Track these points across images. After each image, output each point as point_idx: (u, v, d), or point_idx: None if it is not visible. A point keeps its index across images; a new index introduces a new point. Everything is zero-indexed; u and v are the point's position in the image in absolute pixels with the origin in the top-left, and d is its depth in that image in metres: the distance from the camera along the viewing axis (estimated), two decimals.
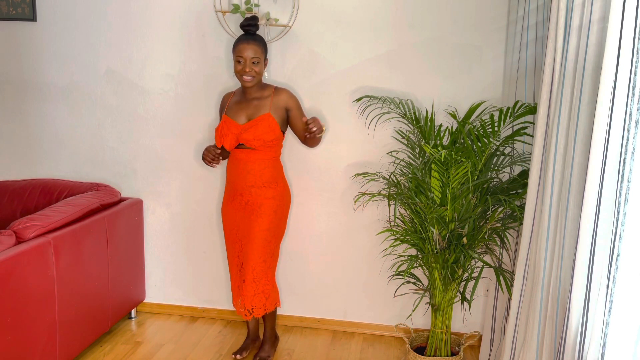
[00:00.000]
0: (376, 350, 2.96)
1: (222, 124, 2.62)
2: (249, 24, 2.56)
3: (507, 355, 2.15)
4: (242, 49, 2.51)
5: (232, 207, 2.67)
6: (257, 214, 2.61)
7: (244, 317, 2.68)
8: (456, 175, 2.35)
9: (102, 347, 2.86)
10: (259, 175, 2.60)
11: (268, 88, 2.63)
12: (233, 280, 2.74)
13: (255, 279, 2.63)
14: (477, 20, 2.75)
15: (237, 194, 2.64)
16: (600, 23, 1.57)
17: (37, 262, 2.27)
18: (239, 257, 2.68)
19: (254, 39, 2.54)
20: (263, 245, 2.62)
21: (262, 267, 2.63)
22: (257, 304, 2.66)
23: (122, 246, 2.93)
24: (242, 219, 2.64)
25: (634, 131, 1.40)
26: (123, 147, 3.16)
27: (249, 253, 2.62)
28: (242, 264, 2.67)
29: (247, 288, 2.63)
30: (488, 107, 2.67)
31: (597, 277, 1.52)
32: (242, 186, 2.62)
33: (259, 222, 2.61)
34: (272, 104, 2.58)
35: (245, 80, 2.54)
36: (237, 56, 2.52)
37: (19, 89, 3.19)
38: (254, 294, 2.64)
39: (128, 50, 3.06)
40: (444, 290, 2.54)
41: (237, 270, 2.69)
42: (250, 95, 2.61)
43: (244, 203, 2.63)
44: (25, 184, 3.01)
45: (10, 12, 3.10)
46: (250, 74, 2.52)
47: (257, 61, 2.52)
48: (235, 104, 2.64)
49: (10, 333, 2.12)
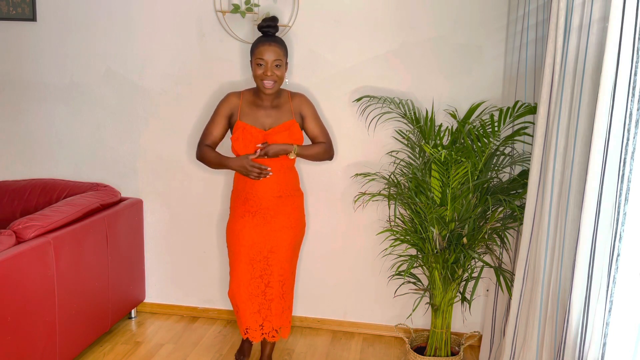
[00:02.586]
0: (376, 350, 2.96)
1: (241, 131, 2.39)
2: (268, 25, 2.38)
3: (507, 355, 2.15)
4: (263, 51, 2.31)
5: (254, 223, 2.42)
6: (287, 226, 2.44)
7: (269, 339, 2.49)
8: (456, 175, 2.35)
9: (102, 347, 2.86)
10: (284, 184, 2.43)
11: (283, 93, 2.48)
12: (252, 303, 2.46)
13: (285, 295, 2.48)
14: (477, 20, 2.75)
15: (260, 208, 2.42)
16: (600, 23, 1.57)
17: (37, 262, 2.27)
18: (262, 276, 2.46)
19: (275, 40, 2.35)
20: (293, 257, 2.49)
21: (290, 280, 2.49)
22: (285, 322, 2.52)
23: (122, 246, 2.93)
24: (268, 233, 2.43)
25: (634, 131, 1.40)
26: (123, 147, 3.16)
27: (278, 268, 2.44)
28: (266, 283, 2.47)
29: (276, 306, 2.46)
30: (488, 107, 2.67)
31: (597, 277, 1.52)
32: (268, 198, 2.41)
33: (290, 234, 2.45)
34: (293, 110, 2.45)
35: (266, 87, 2.34)
36: (257, 59, 2.32)
37: (19, 89, 3.19)
38: (282, 311, 2.48)
39: (128, 50, 3.06)
40: (444, 290, 2.54)
41: (261, 291, 2.46)
42: (267, 100, 2.43)
43: (269, 217, 2.42)
44: (25, 184, 3.01)
45: (10, 12, 3.10)
46: (272, 79, 2.33)
47: (279, 64, 2.33)
48: (251, 109, 2.44)
49: (10, 333, 2.12)
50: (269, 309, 2.49)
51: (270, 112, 2.44)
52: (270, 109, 2.45)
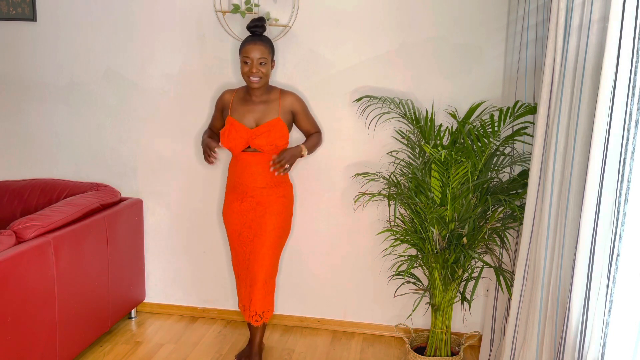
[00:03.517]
0: (376, 350, 2.96)
1: (229, 127, 2.57)
2: (255, 25, 2.54)
3: (507, 355, 2.15)
4: (249, 50, 2.49)
5: (242, 209, 2.62)
6: (270, 212, 2.59)
7: (254, 323, 2.64)
8: (456, 175, 2.35)
9: (102, 347, 2.86)
10: (269, 176, 2.58)
11: (274, 90, 2.63)
12: (241, 284, 2.69)
13: (267, 280, 2.61)
14: (477, 20, 2.75)
15: (246, 196, 2.60)
16: (600, 23, 1.57)
17: (37, 262, 2.27)
18: (249, 259, 2.63)
19: (260, 40, 2.52)
20: (275, 244, 2.62)
21: (273, 267, 2.63)
22: (268, 307, 2.65)
23: (122, 246, 2.93)
24: (253, 220, 2.61)
25: (634, 131, 1.40)
26: (123, 147, 3.16)
27: (260, 253, 2.59)
28: (251, 266, 2.62)
29: (258, 291, 2.60)
30: (488, 107, 2.67)
31: (597, 277, 1.53)
32: (253, 188, 2.59)
33: (272, 221, 2.59)
34: (280, 107, 2.58)
35: (252, 82, 2.51)
36: (244, 57, 2.50)
37: (18, 89, 3.19)
38: (264, 296, 2.62)
39: (128, 50, 3.06)
40: (444, 290, 2.54)
41: (246, 273, 2.65)
42: (256, 97, 2.59)
43: (254, 204, 2.60)
44: (25, 184, 3.01)
45: (10, 12, 3.10)
46: (257, 75, 2.50)
47: (264, 62, 2.50)
48: (240, 105, 2.61)
49: (10, 333, 2.12)
50: (252, 292, 2.62)
51: (258, 107, 2.59)
52: (258, 104, 2.60)
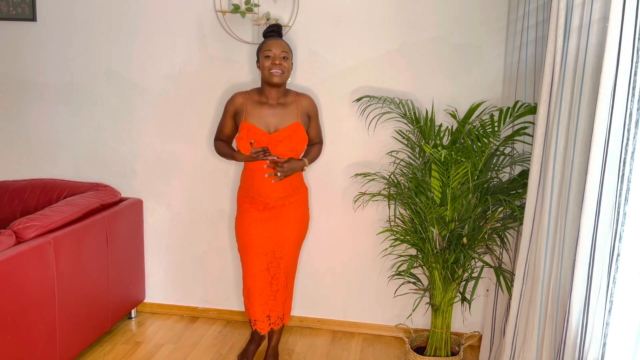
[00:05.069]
0: (376, 350, 2.96)
1: (245, 132, 2.44)
2: (272, 29, 2.53)
3: (507, 355, 2.15)
4: (271, 44, 2.43)
5: (262, 218, 2.51)
6: (293, 221, 2.54)
7: (275, 327, 2.61)
8: (456, 175, 2.35)
9: (102, 347, 2.86)
10: (289, 183, 2.51)
11: (290, 93, 2.56)
12: (261, 295, 2.55)
13: (288, 284, 2.61)
14: (477, 20, 2.75)
15: (267, 207, 2.51)
16: (600, 23, 1.57)
17: (37, 262, 2.27)
18: (269, 269, 2.55)
19: (281, 38, 2.51)
20: (297, 248, 2.62)
21: (293, 271, 2.63)
22: (287, 310, 2.65)
23: (122, 246, 2.93)
24: (275, 228, 2.52)
25: (634, 131, 1.40)
26: (123, 147, 3.16)
27: (283, 259, 2.55)
28: (274, 275, 2.56)
29: (280, 296, 2.58)
30: (488, 107, 2.67)
31: (597, 277, 1.52)
32: (275, 199, 2.49)
33: (297, 228, 2.57)
34: (299, 110, 2.52)
35: (274, 75, 2.41)
36: (266, 51, 2.42)
37: (19, 89, 3.19)
38: (284, 300, 2.61)
39: (128, 50, 3.06)
40: (444, 290, 2.54)
41: (267, 283, 2.55)
42: (273, 100, 2.49)
43: (276, 213, 2.51)
44: (25, 184, 3.01)
45: (10, 12, 3.10)
46: (280, 68, 2.41)
47: (286, 57, 2.44)
48: (256, 109, 2.49)
49: (10, 333, 2.12)
50: (275, 300, 2.58)
51: (276, 110, 2.50)
52: (276, 107, 2.50)
